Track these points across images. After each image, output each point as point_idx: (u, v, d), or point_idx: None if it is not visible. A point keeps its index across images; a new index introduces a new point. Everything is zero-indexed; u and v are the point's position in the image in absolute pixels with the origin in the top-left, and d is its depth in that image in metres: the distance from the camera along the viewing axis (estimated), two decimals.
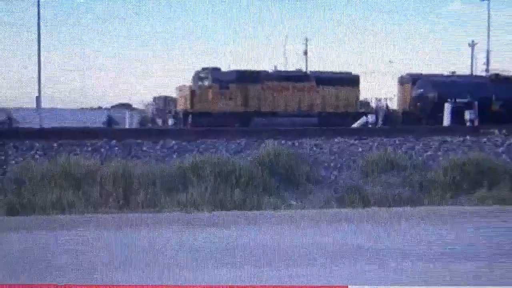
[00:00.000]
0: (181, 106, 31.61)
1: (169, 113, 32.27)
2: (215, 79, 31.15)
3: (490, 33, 41.69)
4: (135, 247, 7.95)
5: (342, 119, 29.75)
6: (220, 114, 30.05)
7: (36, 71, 35.29)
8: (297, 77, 32.88)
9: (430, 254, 7.63)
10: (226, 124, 26.42)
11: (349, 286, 6.21)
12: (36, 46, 35.42)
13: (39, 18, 35.32)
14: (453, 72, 35.49)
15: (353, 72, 34.00)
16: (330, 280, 6.63)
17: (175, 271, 6.90)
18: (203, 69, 31.94)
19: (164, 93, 42.00)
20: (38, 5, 35.26)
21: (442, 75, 33.87)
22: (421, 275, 6.80)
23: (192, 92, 31.00)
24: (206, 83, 31.29)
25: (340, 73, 33.54)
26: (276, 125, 25.56)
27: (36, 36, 35.38)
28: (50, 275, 6.70)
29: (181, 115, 30.76)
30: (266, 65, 39.39)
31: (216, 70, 31.72)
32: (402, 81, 33.75)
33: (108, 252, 7.69)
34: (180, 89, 32.55)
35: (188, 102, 30.87)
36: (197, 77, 31.77)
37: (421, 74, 33.43)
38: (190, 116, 30.09)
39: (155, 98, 42.20)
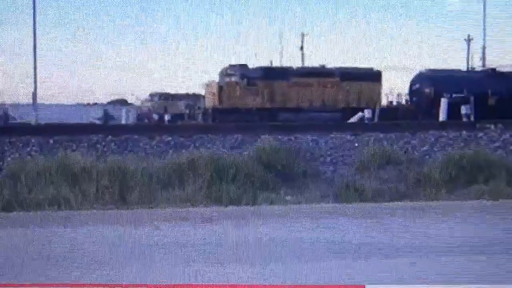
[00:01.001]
0: (209, 102, 32.13)
1: (198, 108, 32.92)
2: (243, 76, 31.65)
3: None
4: (130, 243, 7.95)
5: None
6: (247, 110, 30.51)
7: (32, 67, 35.28)
8: (322, 73, 33.35)
9: (427, 249, 7.65)
10: (252, 120, 26.89)
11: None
12: (32, 42, 35.42)
13: (34, 11, 35.28)
14: (473, 68, 35.73)
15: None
16: (336, 277, 6.62)
17: (172, 268, 6.89)
18: (231, 65, 32.58)
19: (158, 90, 42.18)
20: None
21: (459, 70, 33.99)
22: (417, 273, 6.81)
23: (220, 88, 31.50)
24: (234, 79, 31.81)
25: (363, 68, 33.92)
26: (301, 121, 25.94)
27: (32, 31, 35.38)
28: (46, 272, 6.69)
29: (210, 111, 31.28)
30: (264, 62, 39.62)
31: (243, 66, 32.30)
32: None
33: (103, 249, 7.69)
34: (208, 85, 33.10)
35: (216, 98, 31.36)
36: (225, 73, 32.31)
37: (440, 69, 33.38)
38: (218, 111, 30.60)
39: (151, 94, 42.25)
